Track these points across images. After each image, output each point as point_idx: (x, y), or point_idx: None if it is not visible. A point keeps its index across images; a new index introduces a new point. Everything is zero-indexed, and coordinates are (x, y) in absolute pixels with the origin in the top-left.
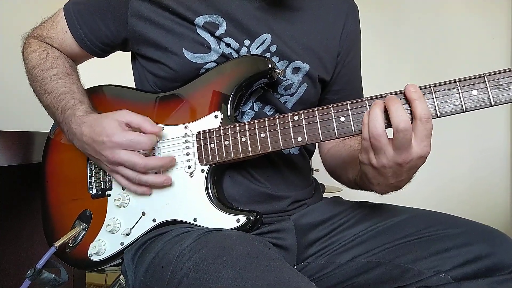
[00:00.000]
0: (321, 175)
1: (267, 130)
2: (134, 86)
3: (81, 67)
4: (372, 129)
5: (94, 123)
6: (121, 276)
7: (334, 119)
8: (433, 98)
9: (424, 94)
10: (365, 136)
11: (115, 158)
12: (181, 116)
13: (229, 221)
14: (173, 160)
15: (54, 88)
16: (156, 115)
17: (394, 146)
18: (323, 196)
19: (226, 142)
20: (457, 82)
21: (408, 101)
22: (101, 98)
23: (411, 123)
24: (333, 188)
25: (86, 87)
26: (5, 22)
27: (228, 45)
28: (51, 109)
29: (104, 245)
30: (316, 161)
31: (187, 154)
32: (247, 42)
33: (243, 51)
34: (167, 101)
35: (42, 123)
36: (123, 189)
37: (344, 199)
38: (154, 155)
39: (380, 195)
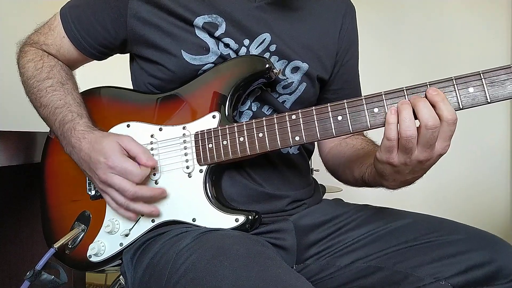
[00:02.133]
0: (321, 175)
1: (265, 130)
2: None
3: (79, 70)
4: (405, 130)
5: (94, 141)
6: (121, 276)
7: (331, 118)
8: None
9: (420, 91)
10: (391, 137)
11: (108, 180)
12: (179, 116)
13: (228, 221)
14: (164, 192)
15: (49, 101)
16: (154, 116)
17: (420, 143)
18: (324, 197)
19: (224, 142)
20: (453, 80)
21: (431, 104)
22: (98, 100)
23: None
24: (334, 188)
25: (84, 90)
26: (5, 23)
27: (227, 45)
28: (48, 122)
29: (103, 246)
30: (316, 161)
31: (186, 154)
32: (246, 42)
33: (243, 51)
34: (165, 102)
35: (42, 123)
36: None
37: (345, 201)
38: (152, 156)
39: (391, 190)
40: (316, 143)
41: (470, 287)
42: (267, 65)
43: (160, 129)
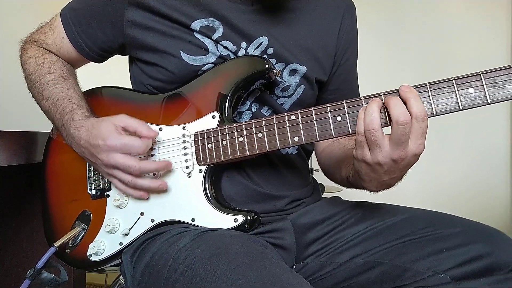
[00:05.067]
0: (321, 175)
1: (264, 130)
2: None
3: (79, 71)
4: (368, 123)
5: (91, 127)
6: (121, 276)
7: (330, 118)
8: (429, 97)
9: (420, 92)
10: (360, 131)
11: (110, 161)
12: (179, 116)
13: (227, 221)
14: (169, 164)
15: (51, 93)
16: (154, 116)
17: (392, 140)
18: (322, 196)
19: (224, 142)
20: (453, 80)
21: (403, 101)
22: (99, 100)
23: None
24: (333, 188)
25: (84, 90)
26: (5, 23)
27: (225, 47)
28: (49, 114)
29: (103, 245)
30: (316, 161)
31: (185, 154)
32: (244, 44)
33: (241, 53)
34: (165, 102)
35: (43, 123)
36: None
37: (343, 199)
38: (152, 155)
39: (372, 193)
40: None
41: (468, 279)
42: (267, 65)
43: (160, 129)
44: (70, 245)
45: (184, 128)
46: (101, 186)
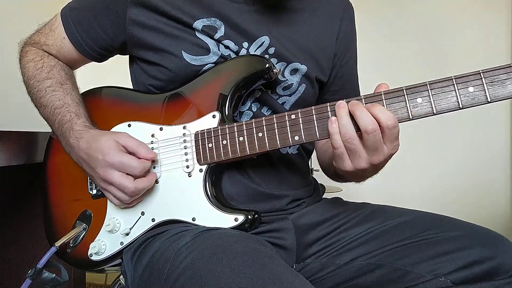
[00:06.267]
0: (321, 175)
1: (265, 129)
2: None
3: (79, 70)
4: (345, 134)
5: (91, 139)
6: (121, 276)
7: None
8: (429, 96)
9: (420, 91)
10: (336, 145)
11: (107, 177)
12: (179, 116)
13: (227, 220)
14: (155, 174)
15: (49, 101)
16: (155, 116)
17: (367, 147)
18: (324, 197)
19: (224, 142)
20: (453, 79)
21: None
22: (100, 100)
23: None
24: (333, 188)
25: (85, 90)
26: (5, 23)
27: (227, 47)
28: (49, 122)
29: (104, 245)
30: (316, 161)
31: (186, 154)
32: (245, 44)
33: (242, 52)
34: (166, 101)
35: (43, 123)
36: None
37: (344, 200)
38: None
39: (372, 193)
40: None
41: (469, 283)
42: (267, 65)
43: (161, 129)
44: (71, 245)
45: (184, 127)
46: None
